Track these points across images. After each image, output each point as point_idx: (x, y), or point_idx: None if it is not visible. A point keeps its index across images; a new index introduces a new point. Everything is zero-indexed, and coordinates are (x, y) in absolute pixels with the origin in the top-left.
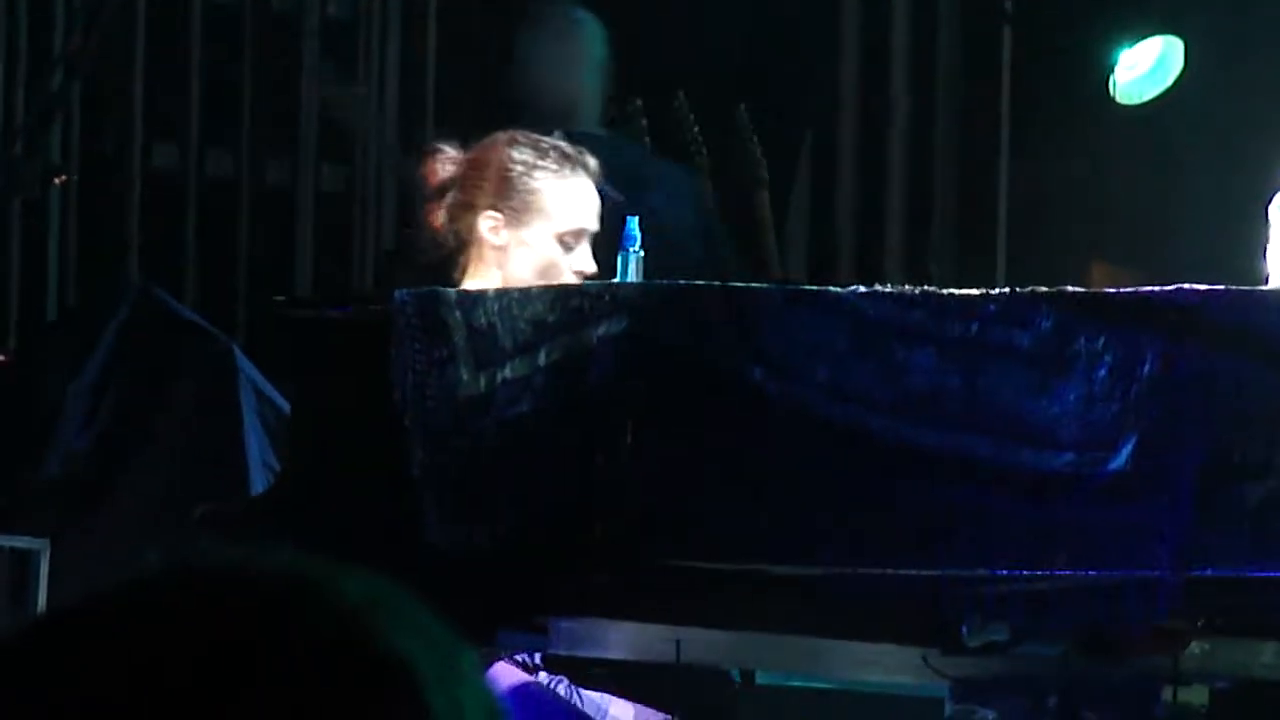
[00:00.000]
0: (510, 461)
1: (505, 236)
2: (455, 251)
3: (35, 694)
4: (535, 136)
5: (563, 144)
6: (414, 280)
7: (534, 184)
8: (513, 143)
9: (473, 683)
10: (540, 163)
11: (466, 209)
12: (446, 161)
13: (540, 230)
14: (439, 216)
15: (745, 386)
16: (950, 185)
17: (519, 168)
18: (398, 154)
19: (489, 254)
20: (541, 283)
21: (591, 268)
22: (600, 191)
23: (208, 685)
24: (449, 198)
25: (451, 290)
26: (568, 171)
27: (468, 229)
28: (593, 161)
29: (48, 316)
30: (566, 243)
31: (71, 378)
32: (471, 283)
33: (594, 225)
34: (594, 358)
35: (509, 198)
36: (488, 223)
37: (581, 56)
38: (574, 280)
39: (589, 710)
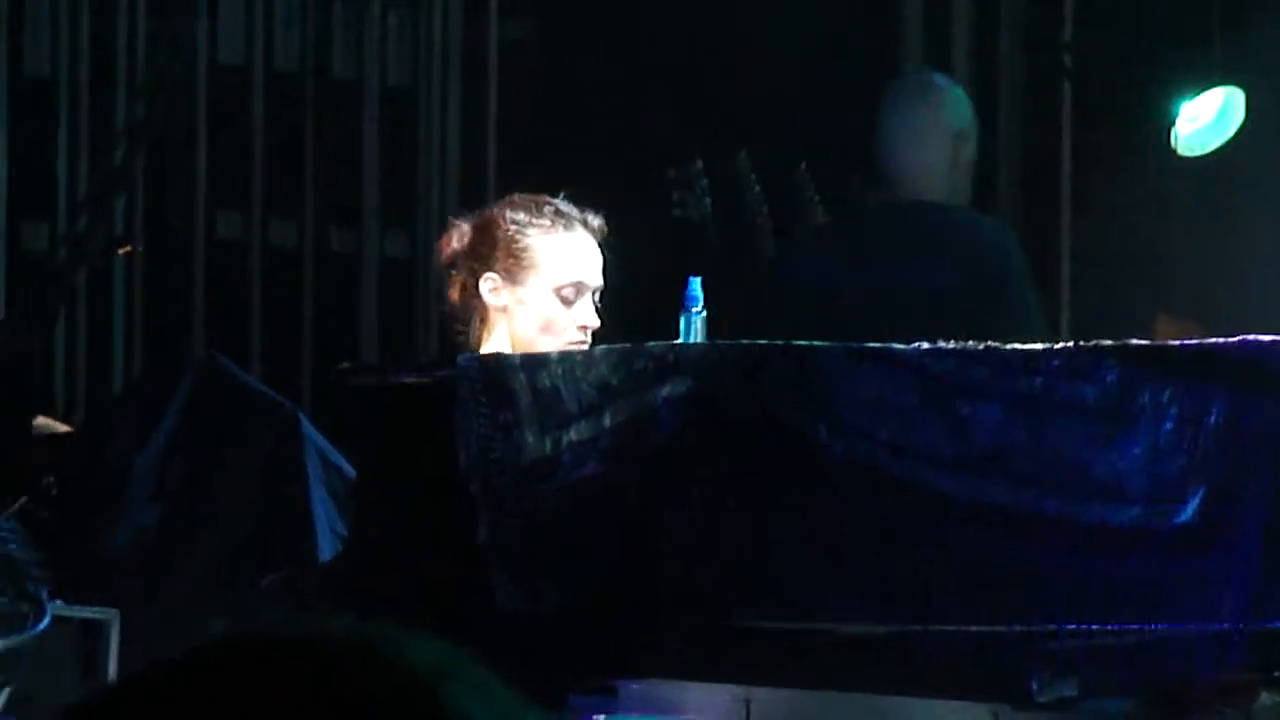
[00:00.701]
0: (577, 524)
1: (505, 297)
2: (470, 322)
3: None
4: (533, 197)
5: (559, 202)
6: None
7: (527, 241)
8: (509, 205)
9: None
10: (533, 220)
11: (473, 277)
12: (458, 234)
13: (536, 286)
14: (454, 291)
15: (810, 444)
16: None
17: (512, 227)
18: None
19: (494, 316)
20: (545, 338)
21: (594, 322)
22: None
23: None
24: (461, 268)
25: (516, 354)
26: (560, 228)
27: (474, 296)
28: (594, 219)
29: (114, 387)
30: (565, 297)
31: (138, 449)
32: (485, 348)
33: (593, 279)
34: (659, 419)
35: (505, 258)
36: (487, 284)
37: (935, 125)
38: (578, 336)
39: None
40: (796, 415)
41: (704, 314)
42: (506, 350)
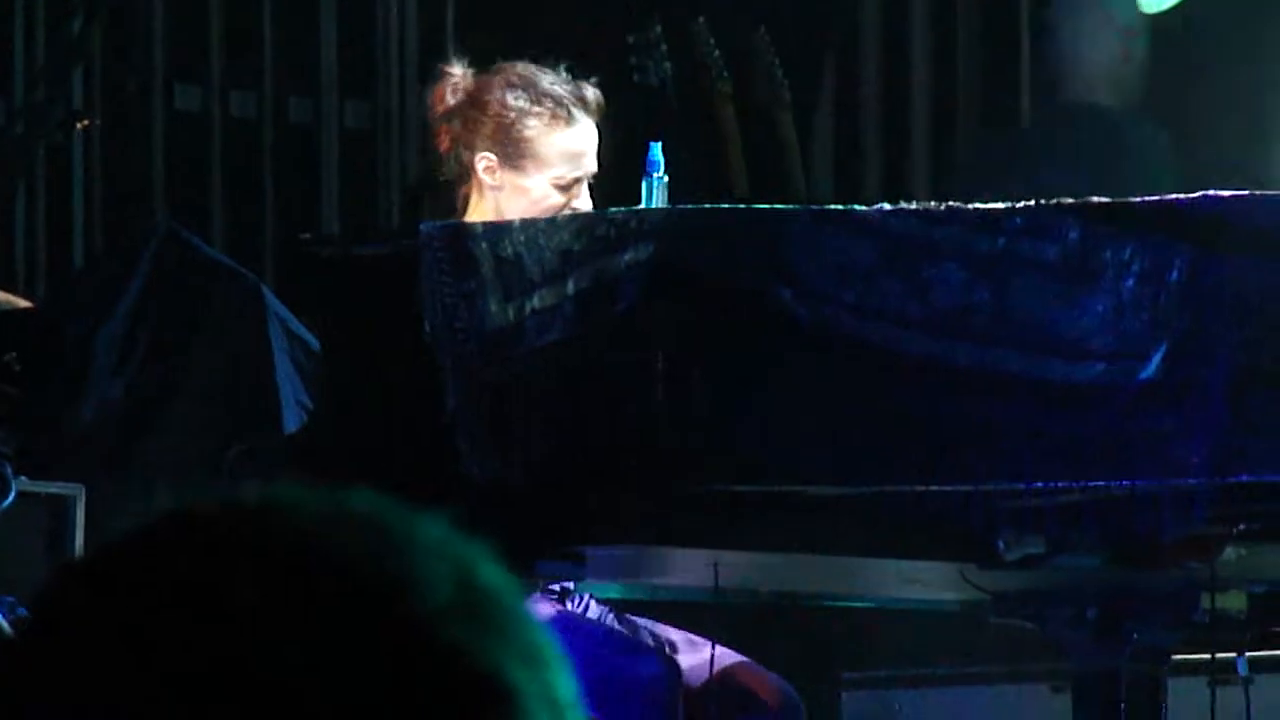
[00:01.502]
0: (542, 391)
1: (500, 178)
2: (457, 181)
3: (73, 636)
4: (533, 77)
5: (560, 87)
6: (439, 208)
7: (528, 132)
8: (509, 85)
9: (576, 712)
10: (535, 109)
11: (465, 145)
12: (452, 88)
13: (535, 176)
14: (444, 142)
15: (774, 308)
16: (973, 98)
17: (512, 114)
18: (419, 87)
19: (487, 193)
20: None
21: (585, 205)
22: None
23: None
24: (453, 125)
25: (478, 222)
26: (562, 123)
27: (466, 164)
28: (592, 96)
29: (75, 262)
30: (563, 186)
31: (101, 323)
32: (470, 218)
33: (591, 168)
34: (622, 285)
35: (503, 142)
36: (483, 163)
37: (1107, 24)
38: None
39: (640, 634)
40: (759, 278)
41: (665, 179)
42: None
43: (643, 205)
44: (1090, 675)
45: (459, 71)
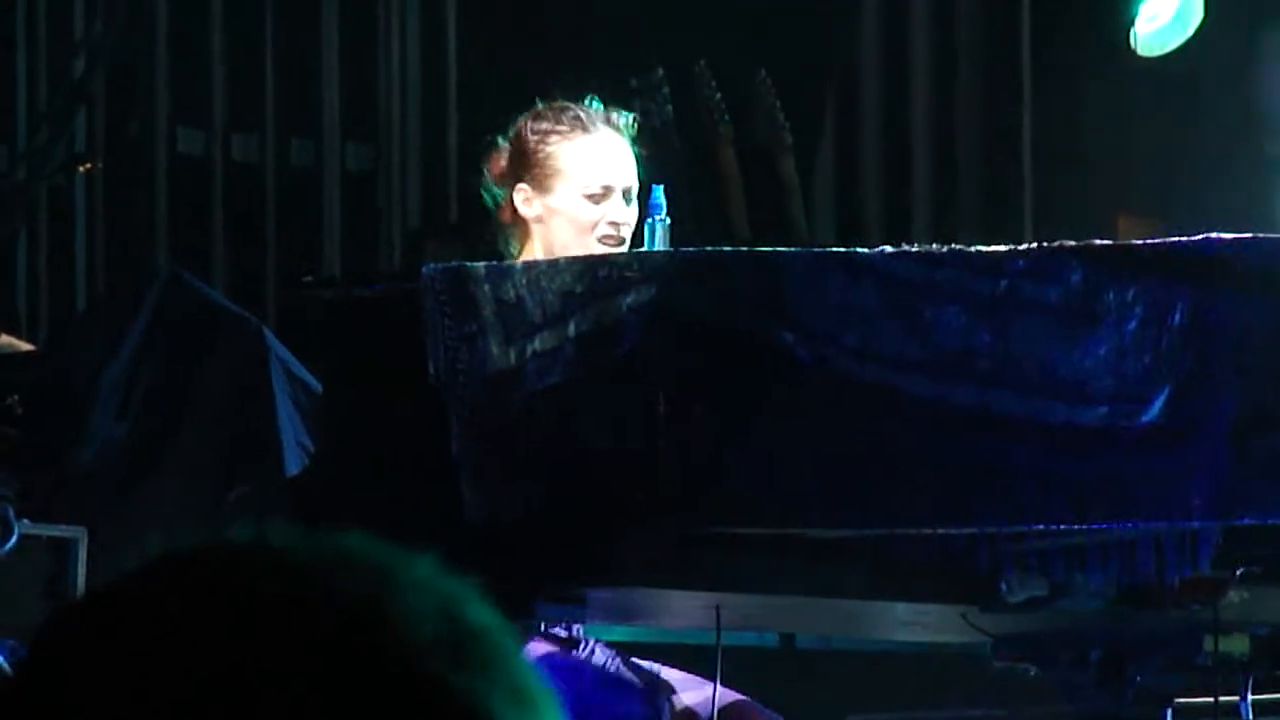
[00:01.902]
0: (543, 434)
1: (537, 206)
2: (515, 238)
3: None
4: (559, 105)
5: (581, 107)
6: (443, 255)
7: (550, 149)
8: (534, 116)
9: None
10: (555, 128)
11: (511, 190)
12: (500, 155)
13: (564, 193)
14: (506, 211)
15: (776, 351)
16: (974, 142)
17: (535, 137)
18: (420, 130)
19: (533, 228)
20: (580, 241)
21: (622, 216)
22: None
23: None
24: (506, 185)
25: (480, 265)
26: (580, 132)
27: (514, 209)
28: (619, 118)
29: (77, 305)
30: (593, 196)
31: (104, 365)
32: (524, 259)
33: (621, 179)
34: (624, 327)
35: (532, 168)
36: (520, 196)
37: None
38: (608, 231)
39: (639, 678)
40: (761, 321)
41: (668, 221)
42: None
43: (645, 248)
44: (1093, 718)
45: (500, 140)
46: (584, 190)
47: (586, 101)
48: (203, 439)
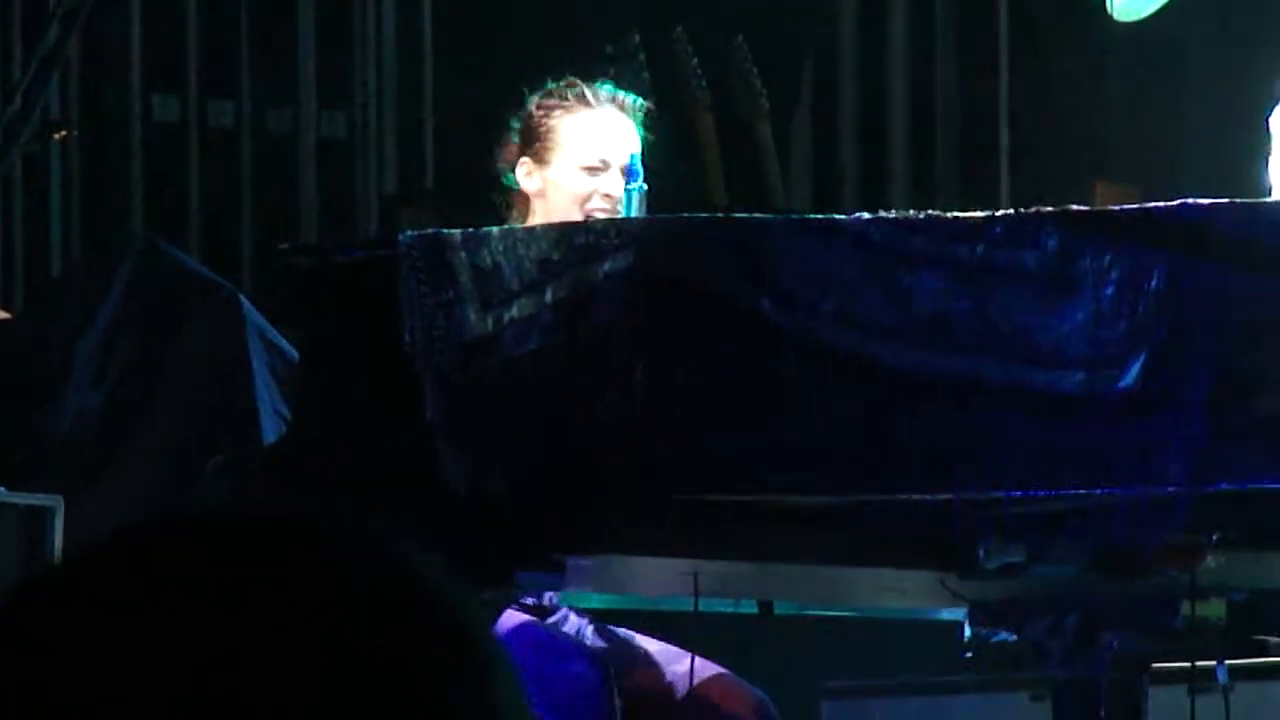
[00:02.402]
0: (521, 401)
1: (537, 179)
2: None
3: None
4: (569, 81)
5: (584, 85)
6: (419, 221)
7: (551, 123)
8: (544, 93)
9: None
10: (559, 103)
11: (518, 165)
12: (510, 137)
13: (563, 165)
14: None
15: (753, 317)
16: (951, 109)
17: (540, 112)
18: (397, 97)
19: (533, 202)
20: (578, 213)
21: (617, 191)
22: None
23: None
24: (517, 167)
25: (456, 231)
26: (582, 106)
27: (519, 183)
28: (627, 99)
29: (53, 272)
30: (591, 169)
31: (80, 333)
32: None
33: (619, 155)
34: (601, 294)
35: (533, 141)
36: (522, 169)
37: None
38: (601, 205)
39: (616, 645)
40: (739, 287)
41: (644, 188)
42: None
43: (622, 214)
44: (1070, 684)
45: (513, 122)
46: (581, 163)
47: (599, 83)
48: (179, 407)
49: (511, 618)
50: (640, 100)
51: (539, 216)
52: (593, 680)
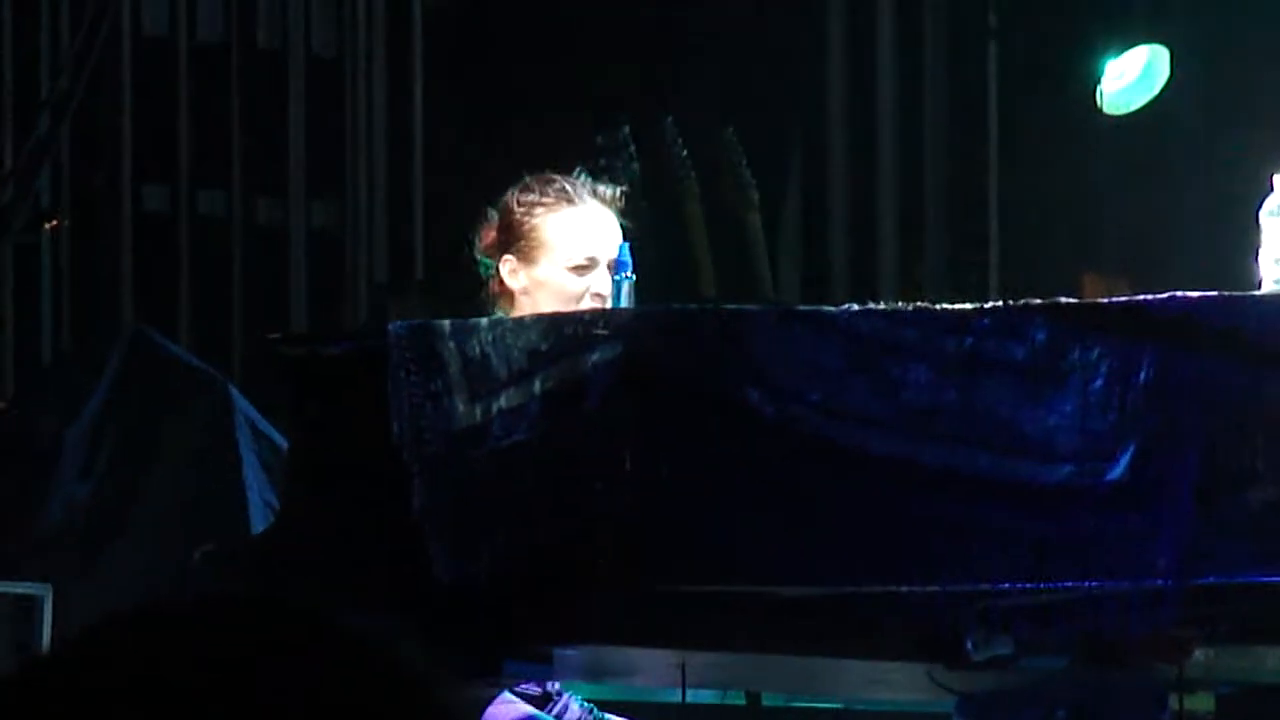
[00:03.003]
0: (509, 491)
1: (523, 278)
2: (503, 309)
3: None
4: (546, 177)
5: (567, 179)
6: (408, 312)
7: (535, 221)
8: (522, 188)
9: None
10: (540, 200)
11: (499, 262)
12: (489, 227)
13: (548, 265)
14: (495, 282)
15: (742, 408)
16: (940, 200)
17: (521, 209)
18: (386, 187)
19: (520, 299)
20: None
21: (607, 288)
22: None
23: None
24: (494, 256)
25: (445, 321)
26: (564, 205)
27: (500, 280)
28: (606, 190)
29: (42, 361)
30: (578, 268)
31: (68, 422)
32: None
33: (605, 251)
34: (590, 384)
35: (517, 239)
36: (506, 267)
37: None
38: (592, 304)
39: None
40: (727, 378)
41: (634, 279)
42: None
43: (611, 305)
44: None
45: (492, 211)
46: (569, 262)
47: (574, 173)
48: (168, 497)
49: (512, 709)
50: (618, 190)
51: (527, 311)
52: None
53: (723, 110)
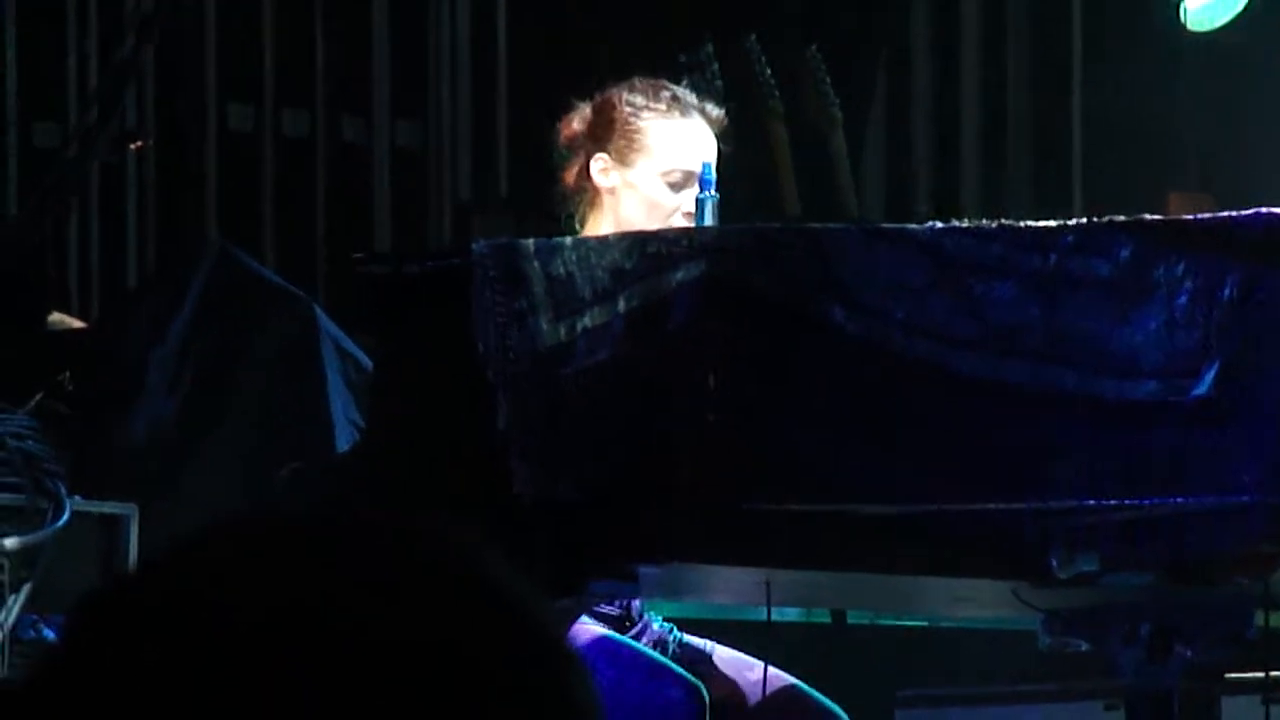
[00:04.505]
0: (593, 410)
1: (614, 178)
2: (580, 204)
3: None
4: (654, 81)
5: (679, 89)
6: (491, 230)
7: (640, 124)
8: (630, 88)
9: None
10: (650, 104)
11: (585, 157)
12: (577, 117)
13: (645, 170)
14: (570, 173)
15: (826, 327)
16: (1024, 118)
17: (628, 109)
18: (470, 107)
19: (604, 199)
20: (651, 224)
21: (693, 207)
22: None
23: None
24: (577, 151)
25: (530, 241)
26: (676, 113)
27: (586, 177)
28: (714, 110)
29: (128, 282)
30: (672, 182)
31: (154, 342)
32: (589, 230)
33: (699, 166)
34: (673, 303)
35: (616, 139)
36: (598, 164)
37: None
38: (682, 222)
39: (693, 656)
40: (811, 296)
41: (717, 197)
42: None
43: (695, 224)
44: (1143, 693)
45: (579, 103)
46: (667, 174)
47: (682, 84)
48: (253, 415)
49: (589, 631)
50: (723, 111)
51: (609, 216)
52: (689, 709)
53: (805, 28)
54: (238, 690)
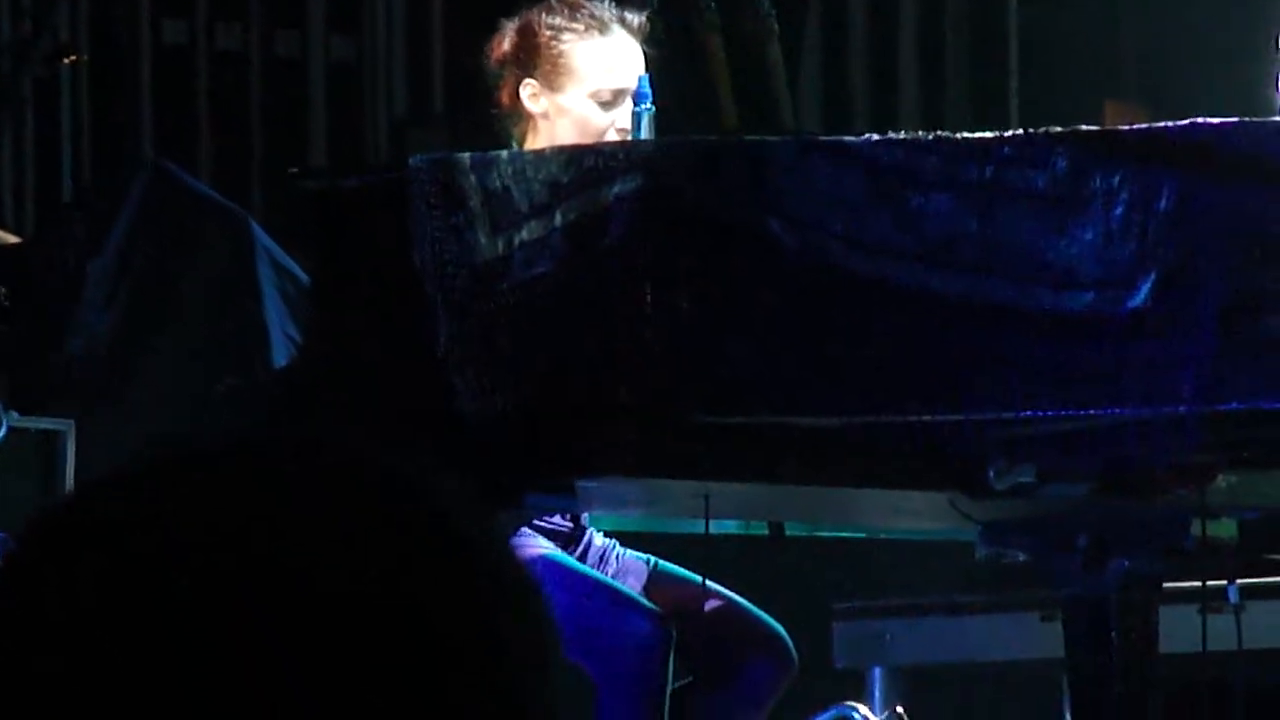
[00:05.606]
0: (531, 323)
1: (544, 103)
2: (516, 125)
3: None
4: (571, 1)
5: (595, 5)
6: (428, 144)
7: (562, 46)
8: (547, 9)
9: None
10: (569, 25)
11: (514, 81)
12: (503, 37)
13: (574, 92)
14: (504, 94)
15: (763, 239)
16: (961, 29)
17: (548, 32)
18: (405, 21)
19: (539, 123)
20: (585, 143)
21: (628, 121)
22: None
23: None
24: (507, 73)
25: (465, 154)
26: (596, 32)
27: (518, 101)
28: (634, 19)
29: (63, 196)
30: (604, 102)
31: (90, 256)
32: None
33: (630, 83)
34: (610, 216)
35: (542, 63)
36: (527, 90)
37: None
38: (616, 139)
39: (633, 569)
40: (748, 210)
41: (653, 109)
42: None
43: (631, 136)
44: (1081, 604)
45: (506, 23)
46: (596, 94)
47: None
48: (190, 330)
49: (526, 544)
50: (642, 17)
51: (544, 136)
52: (654, 637)
53: None
54: (180, 615)
